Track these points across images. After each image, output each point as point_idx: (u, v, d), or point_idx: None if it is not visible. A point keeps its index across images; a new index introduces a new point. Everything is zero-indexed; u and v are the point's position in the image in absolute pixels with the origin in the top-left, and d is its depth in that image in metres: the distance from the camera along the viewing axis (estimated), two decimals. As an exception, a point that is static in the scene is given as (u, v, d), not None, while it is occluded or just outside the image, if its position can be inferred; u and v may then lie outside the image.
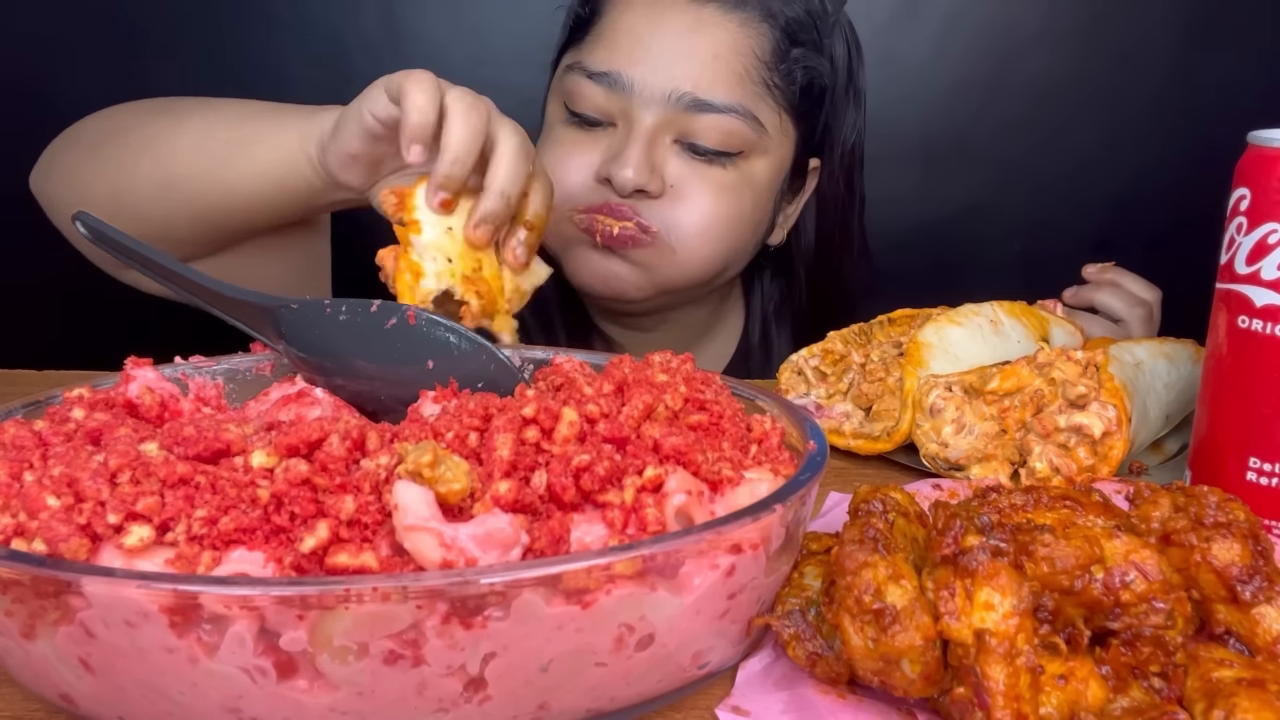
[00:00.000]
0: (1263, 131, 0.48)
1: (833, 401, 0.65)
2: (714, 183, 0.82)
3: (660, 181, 0.81)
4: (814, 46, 0.87)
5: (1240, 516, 0.38)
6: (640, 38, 0.81)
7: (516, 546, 0.34)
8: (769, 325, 0.99)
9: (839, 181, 0.94)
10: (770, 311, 1.00)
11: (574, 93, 0.83)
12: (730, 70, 0.81)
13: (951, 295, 0.71)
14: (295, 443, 0.36)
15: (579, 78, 0.83)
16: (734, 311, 1.03)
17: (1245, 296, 0.48)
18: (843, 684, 0.37)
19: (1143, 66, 1.44)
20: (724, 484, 0.39)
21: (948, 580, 0.34)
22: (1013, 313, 0.68)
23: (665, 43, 0.81)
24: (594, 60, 0.83)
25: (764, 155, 0.85)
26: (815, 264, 0.97)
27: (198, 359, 0.52)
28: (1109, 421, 0.55)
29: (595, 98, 0.82)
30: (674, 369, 0.46)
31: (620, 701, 0.35)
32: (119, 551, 0.33)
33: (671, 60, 0.80)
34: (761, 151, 0.85)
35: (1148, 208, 1.46)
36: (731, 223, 0.84)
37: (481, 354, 0.49)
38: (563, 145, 0.84)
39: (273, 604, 0.30)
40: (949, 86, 1.44)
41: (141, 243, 0.50)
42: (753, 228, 0.88)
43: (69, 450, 0.37)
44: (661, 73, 0.80)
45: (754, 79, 0.83)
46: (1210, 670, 0.34)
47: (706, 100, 0.80)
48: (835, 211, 0.96)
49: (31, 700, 0.37)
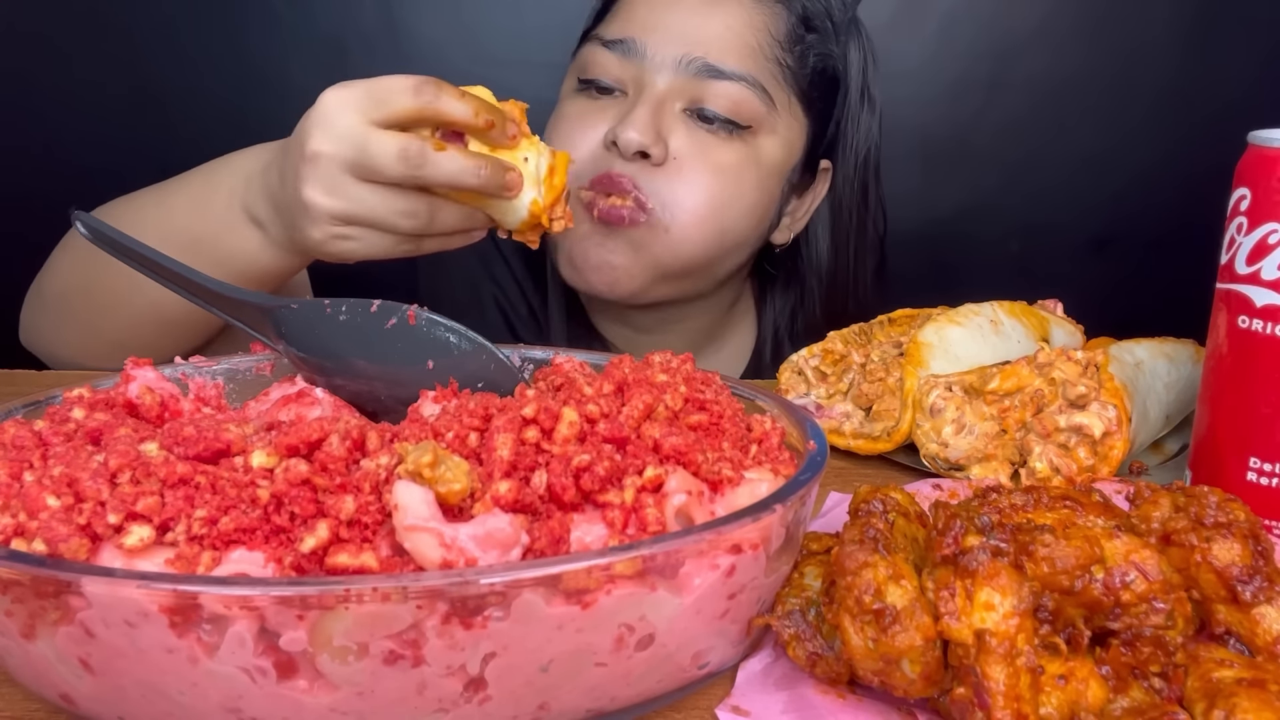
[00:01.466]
0: (1263, 131, 0.48)
1: (833, 401, 0.65)
2: (717, 160, 0.82)
3: (663, 148, 0.80)
4: (828, 36, 0.88)
5: (1240, 516, 0.38)
6: (655, 7, 0.83)
7: (516, 546, 0.34)
8: (781, 338, 0.98)
9: (854, 190, 0.94)
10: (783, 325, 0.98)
11: (588, 62, 0.84)
12: (743, 43, 0.82)
13: (951, 295, 0.71)
14: (295, 443, 0.36)
15: (594, 47, 0.84)
16: (744, 322, 1.02)
17: (1245, 296, 0.48)
18: (843, 684, 0.37)
19: (1143, 67, 1.44)
20: (724, 484, 0.39)
21: (948, 580, 0.34)
22: (1013, 313, 0.68)
23: (681, 12, 0.82)
24: (609, 30, 0.84)
25: (772, 134, 0.85)
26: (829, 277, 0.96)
27: (198, 359, 0.52)
28: (1109, 421, 0.55)
29: (609, 65, 0.83)
30: (674, 369, 0.46)
31: (620, 701, 0.35)
32: (119, 551, 0.33)
33: (685, 28, 0.82)
34: (770, 130, 0.85)
35: (1148, 208, 1.47)
36: (730, 204, 0.83)
37: (481, 354, 0.49)
38: (572, 115, 0.85)
39: (273, 604, 0.30)
40: (949, 86, 1.44)
41: (141, 243, 0.50)
42: (753, 213, 0.86)
43: (69, 450, 0.37)
44: (675, 39, 0.81)
45: (766, 55, 0.83)
46: (1210, 670, 0.34)
47: (718, 67, 0.81)
48: (850, 222, 0.95)
49: (31, 700, 0.37)
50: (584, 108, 0.84)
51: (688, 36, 0.81)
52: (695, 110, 0.82)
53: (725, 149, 0.82)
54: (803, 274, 0.96)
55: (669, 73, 0.81)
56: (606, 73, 0.83)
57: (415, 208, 0.62)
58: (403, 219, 0.62)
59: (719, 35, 0.82)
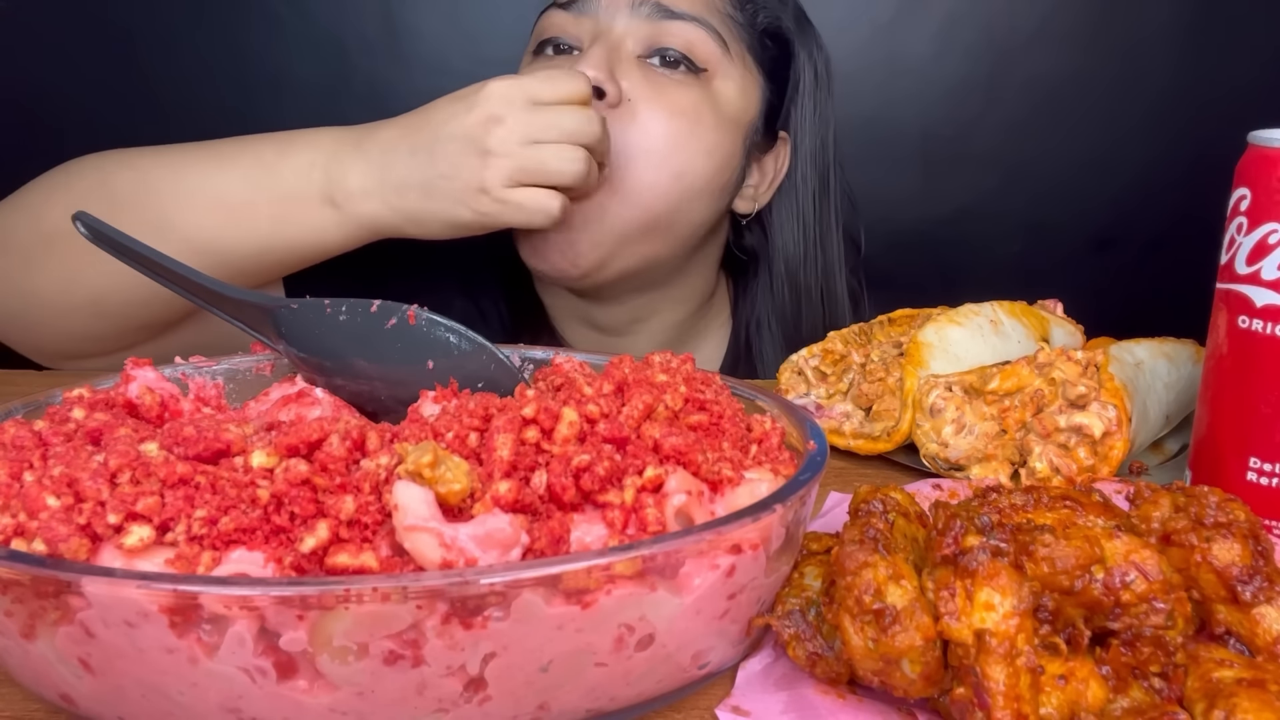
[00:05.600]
0: (1263, 131, 0.48)
1: (833, 401, 0.65)
2: (673, 99, 0.81)
3: (617, 89, 0.79)
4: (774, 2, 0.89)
5: (1240, 516, 0.38)
6: None
7: (516, 546, 0.34)
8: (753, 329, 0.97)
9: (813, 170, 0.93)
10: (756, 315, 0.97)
11: (544, 26, 0.86)
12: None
13: (951, 295, 0.71)
14: (295, 443, 0.36)
15: (550, 11, 0.86)
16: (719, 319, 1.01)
17: (1245, 296, 0.48)
18: (843, 684, 0.37)
19: (1143, 67, 1.44)
20: (724, 484, 0.39)
21: (948, 580, 0.34)
22: (1013, 313, 0.68)
23: None
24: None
25: (728, 80, 0.85)
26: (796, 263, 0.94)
27: (198, 359, 0.52)
28: (1109, 421, 0.55)
29: (564, 24, 0.84)
30: (674, 369, 0.46)
31: (620, 701, 0.35)
32: (119, 551, 0.33)
33: None
34: (725, 75, 0.85)
35: (1148, 208, 1.47)
36: (686, 143, 0.81)
37: (481, 354, 0.49)
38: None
39: (273, 604, 0.30)
40: (949, 86, 1.44)
41: (141, 243, 0.50)
42: (712, 156, 0.84)
43: (69, 450, 0.37)
44: None
45: (716, 7, 0.85)
46: (1210, 670, 0.34)
47: (670, 7, 0.82)
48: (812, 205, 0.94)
49: (31, 700, 0.37)
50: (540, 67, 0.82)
51: None
52: (653, 52, 0.82)
53: (681, 90, 0.82)
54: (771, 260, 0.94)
55: (624, 19, 0.82)
56: (563, 31, 0.84)
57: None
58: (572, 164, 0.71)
59: None
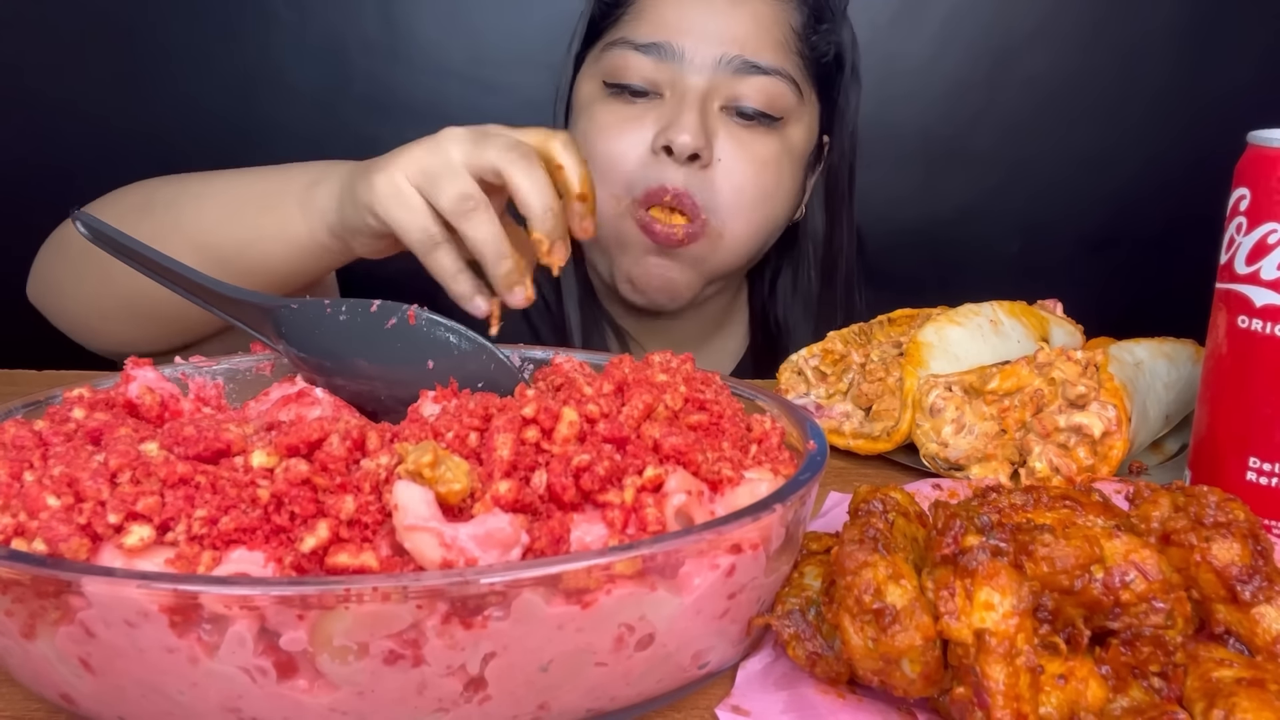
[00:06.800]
0: (1263, 131, 0.48)
1: (833, 401, 0.65)
2: (756, 154, 0.84)
3: (710, 153, 0.82)
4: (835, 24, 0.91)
5: (1240, 516, 0.38)
6: (686, 9, 0.85)
7: (516, 546, 0.34)
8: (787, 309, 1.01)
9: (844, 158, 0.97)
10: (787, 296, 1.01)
11: (619, 66, 0.85)
12: (772, 38, 0.85)
13: (951, 295, 0.71)
14: (295, 443, 0.36)
15: (624, 51, 0.85)
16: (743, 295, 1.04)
17: (1245, 296, 0.48)
18: (843, 684, 0.37)
19: (1143, 67, 1.44)
20: (724, 484, 0.39)
21: (948, 580, 0.34)
22: (1013, 313, 0.68)
23: (711, 13, 0.84)
24: (639, 33, 0.85)
25: (799, 123, 0.88)
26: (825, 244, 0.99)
27: (198, 359, 0.52)
28: (1109, 421, 0.55)
29: (642, 68, 0.84)
30: (674, 369, 0.46)
31: (620, 701, 0.35)
32: (119, 551, 0.33)
33: (718, 27, 0.84)
34: (798, 119, 0.88)
35: (1148, 208, 1.47)
36: (771, 195, 0.86)
37: (481, 354, 0.49)
38: (608, 120, 0.85)
39: (273, 604, 0.30)
40: (949, 86, 1.44)
41: (141, 243, 0.50)
42: (790, 201, 0.90)
43: (69, 450, 0.37)
44: (710, 39, 0.83)
45: (791, 48, 0.87)
46: (1210, 670, 0.34)
47: (754, 62, 0.83)
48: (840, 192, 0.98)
49: (31, 700, 0.37)
50: (622, 113, 0.85)
51: (722, 35, 0.83)
52: (733, 107, 0.84)
53: (762, 143, 0.85)
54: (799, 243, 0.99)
55: (707, 72, 0.83)
56: (640, 76, 0.84)
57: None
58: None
59: (750, 31, 0.84)
